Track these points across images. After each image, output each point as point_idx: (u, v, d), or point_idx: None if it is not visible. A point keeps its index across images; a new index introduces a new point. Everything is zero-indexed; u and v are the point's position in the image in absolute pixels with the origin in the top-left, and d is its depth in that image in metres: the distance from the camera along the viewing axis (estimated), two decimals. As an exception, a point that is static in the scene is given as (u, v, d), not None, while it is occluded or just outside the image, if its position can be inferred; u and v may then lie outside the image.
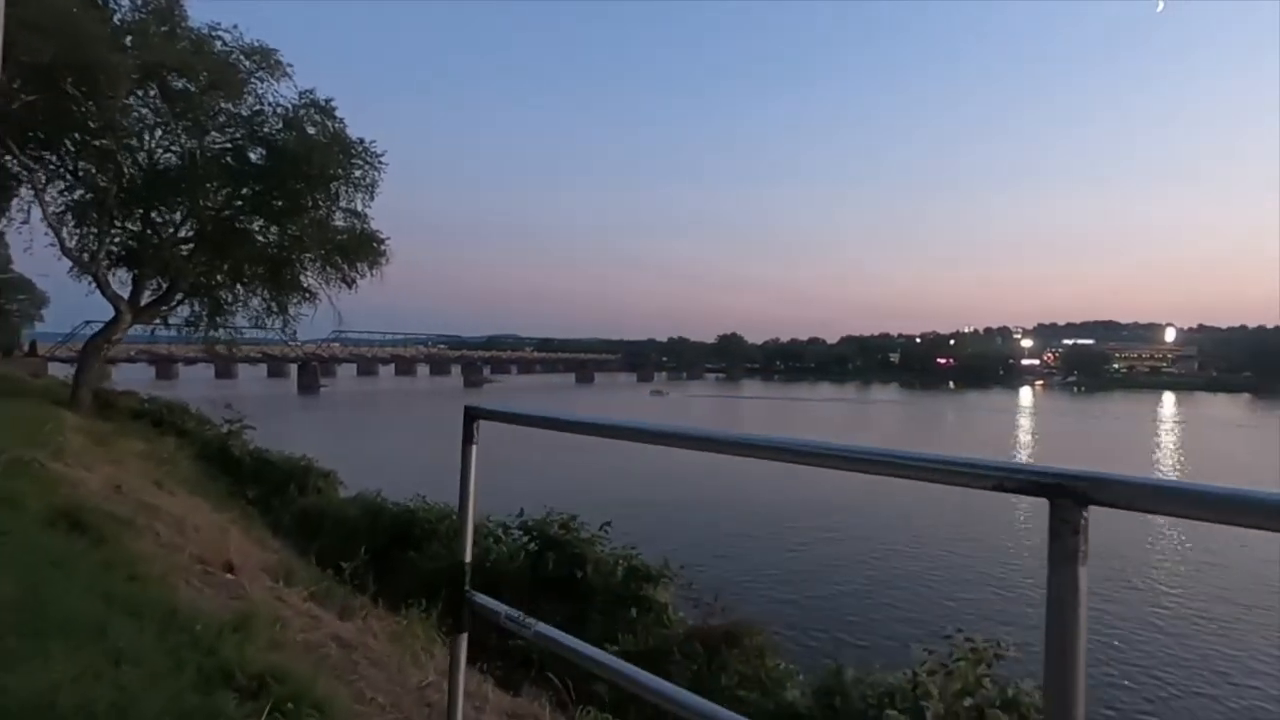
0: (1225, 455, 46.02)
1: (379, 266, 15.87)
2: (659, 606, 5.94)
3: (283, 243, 15.06)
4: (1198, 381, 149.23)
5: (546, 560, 6.14)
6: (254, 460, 13.71)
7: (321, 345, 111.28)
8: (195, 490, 9.53)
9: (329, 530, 9.54)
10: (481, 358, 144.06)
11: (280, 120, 13.45)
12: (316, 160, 12.66)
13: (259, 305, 16.00)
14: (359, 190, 14.11)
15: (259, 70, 13.18)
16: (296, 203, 13.87)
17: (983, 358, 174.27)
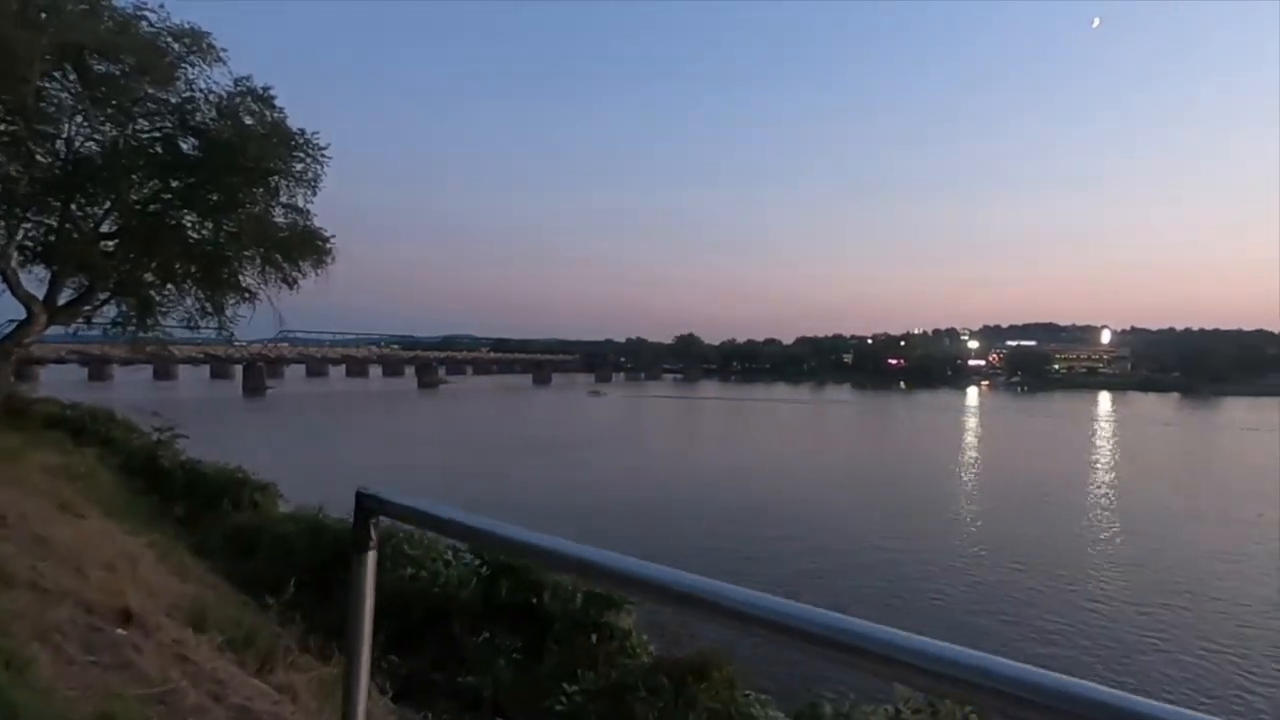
0: (1150, 452, 48.07)
1: (324, 266, 15.00)
2: (621, 634, 5.55)
3: (218, 239, 14.08)
4: (1131, 381, 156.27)
5: (500, 586, 5.68)
6: (185, 472, 12.77)
7: (268, 345, 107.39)
8: (112, 510, 8.72)
9: (265, 549, 8.84)
10: (436, 358, 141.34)
11: (214, 109, 12.52)
12: (253, 151, 11.81)
13: (192, 305, 14.94)
14: (300, 185, 13.26)
15: (190, 54, 12.23)
16: (233, 197, 12.95)
17: (931, 358, 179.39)
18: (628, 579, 0.98)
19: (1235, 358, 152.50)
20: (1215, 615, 16.19)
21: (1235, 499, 29.81)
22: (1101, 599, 17.06)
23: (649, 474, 34.93)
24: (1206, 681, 12.91)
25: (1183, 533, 23.88)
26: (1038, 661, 0.65)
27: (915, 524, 24.19)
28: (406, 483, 30.63)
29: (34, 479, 8.10)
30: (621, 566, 1.00)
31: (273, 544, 8.70)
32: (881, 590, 17.19)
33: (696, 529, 22.54)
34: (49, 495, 7.68)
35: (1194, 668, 13.41)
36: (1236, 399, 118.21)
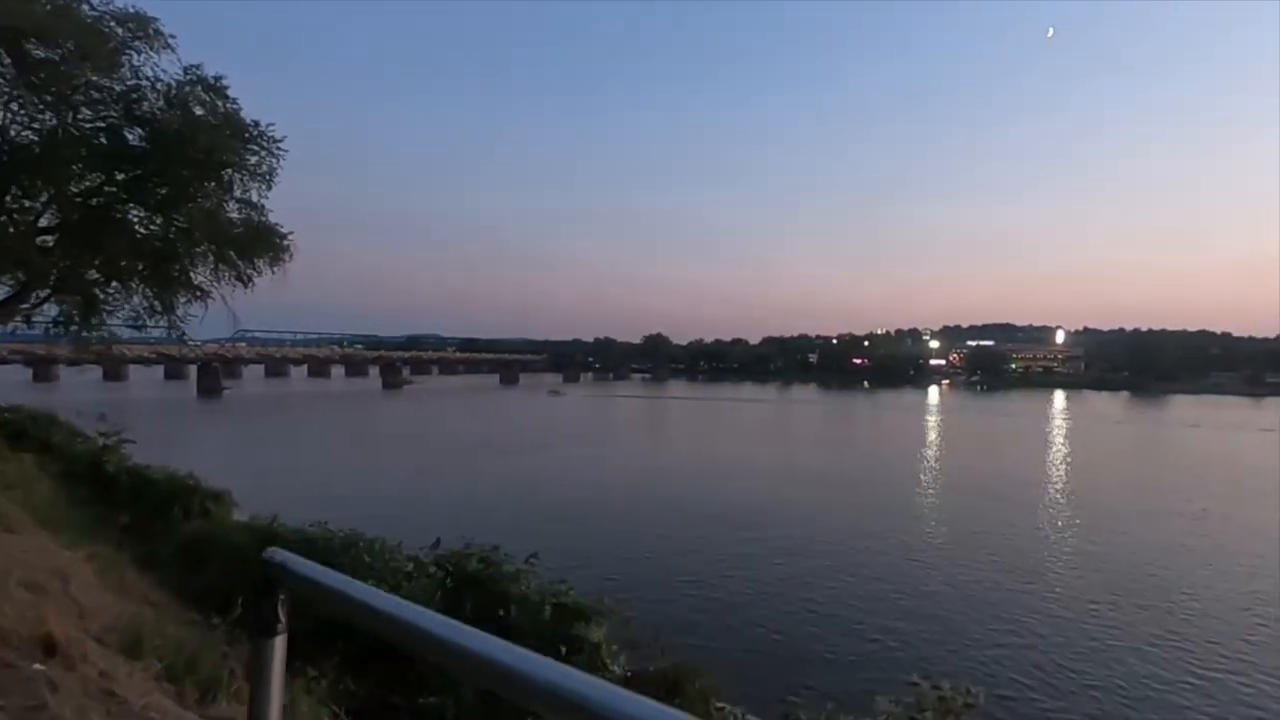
0: (1101, 450, 49.57)
1: (281, 263, 14.41)
2: (591, 647, 5.35)
3: (167, 235, 13.41)
4: (1084, 380, 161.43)
5: (464, 600, 5.42)
6: (131, 479, 12.14)
7: (224, 345, 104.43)
8: (48, 521, 8.19)
9: (217, 561, 8.40)
10: (401, 358, 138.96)
11: (161, 98, 11.90)
12: (203, 143, 11.24)
13: (140, 304, 14.24)
14: (255, 179, 12.70)
15: (135, 40, 11.61)
16: (182, 191, 12.34)
17: (894, 358, 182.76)
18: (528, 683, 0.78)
19: (1181, 357, 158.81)
20: (1159, 610, 16.64)
21: (1180, 494, 30.87)
22: (1054, 598, 17.40)
23: (608, 476, 34.72)
24: (1159, 678, 13.21)
25: (1133, 528, 24.58)
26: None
27: (879, 525, 24.47)
28: (359, 485, 29.88)
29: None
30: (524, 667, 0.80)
31: (225, 555, 8.26)
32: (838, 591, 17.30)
33: (652, 533, 22.44)
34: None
35: (1154, 662, 13.73)
36: (1182, 397, 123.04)
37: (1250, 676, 13.06)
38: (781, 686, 9.69)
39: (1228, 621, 15.87)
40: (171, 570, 8.41)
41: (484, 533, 9.68)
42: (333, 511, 12.50)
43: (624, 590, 16.37)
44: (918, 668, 12.50)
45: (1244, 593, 17.90)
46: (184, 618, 6.15)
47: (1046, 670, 13.02)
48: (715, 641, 12.77)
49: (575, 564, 18.03)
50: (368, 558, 6.64)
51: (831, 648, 13.18)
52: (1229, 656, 13.96)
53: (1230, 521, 25.83)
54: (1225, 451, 48.45)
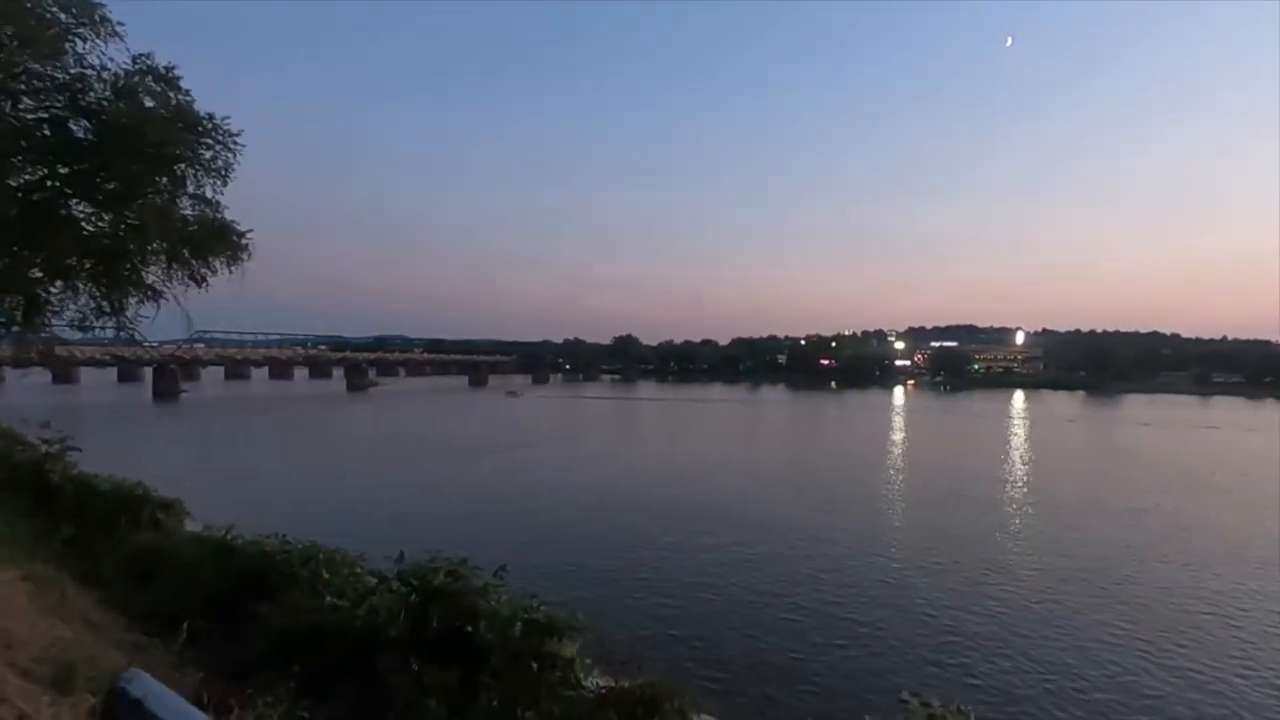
0: (1058, 448, 50.96)
1: (239, 263, 13.82)
2: (564, 663, 5.14)
3: (117, 232, 12.77)
4: (1043, 380, 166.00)
5: (430, 616, 5.16)
6: (77, 489, 11.55)
7: (182, 346, 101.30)
8: (-18, 536, 7.68)
9: (166, 576, 7.97)
10: (367, 359, 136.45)
11: (108, 88, 11.31)
12: (152, 135, 10.71)
13: (87, 304, 13.55)
14: (210, 174, 12.15)
15: (79, 26, 11.02)
16: (132, 186, 11.75)
17: (861, 359, 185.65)
18: None
19: (1134, 358, 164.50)
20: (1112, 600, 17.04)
21: (1132, 491, 31.84)
22: (1011, 591, 17.69)
23: (576, 479, 34.45)
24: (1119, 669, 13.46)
25: (1088, 524, 25.21)
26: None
27: (851, 526, 24.66)
28: (321, 492, 29.13)
29: (-119, 505, 7.01)
30: None
31: (175, 570, 7.85)
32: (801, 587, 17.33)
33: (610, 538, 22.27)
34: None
35: (1115, 649, 14.00)
36: (1135, 396, 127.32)
37: (1219, 669, 13.39)
38: (763, 700, 9.60)
39: (1183, 612, 16.32)
40: (117, 587, 7.96)
41: (449, 538, 9.35)
42: (293, 520, 12.02)
43: (593, 596, 16.18)
44: (895, 674, 12.57)
45: (1199, 586, 18.48)
46: (128, 640, 5.78)
47: (1025, 673, 13.16)
48: (691, 651, 12.62)
49: (542, 572, 17.77)
50: (327, 573, 6.34)
51: (811, 656, 13.11)
52: (1186, 646, 14.34)
53: (1180, 516, 26.69)
54: (1173, 449, 50.20)
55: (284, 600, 6.25)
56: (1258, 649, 14.48)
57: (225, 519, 13.33)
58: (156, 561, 8.31)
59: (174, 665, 5.31)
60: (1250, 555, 21.39)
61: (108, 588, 8.07)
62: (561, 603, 5.97)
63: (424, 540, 6.82)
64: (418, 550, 6.01)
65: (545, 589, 12.34)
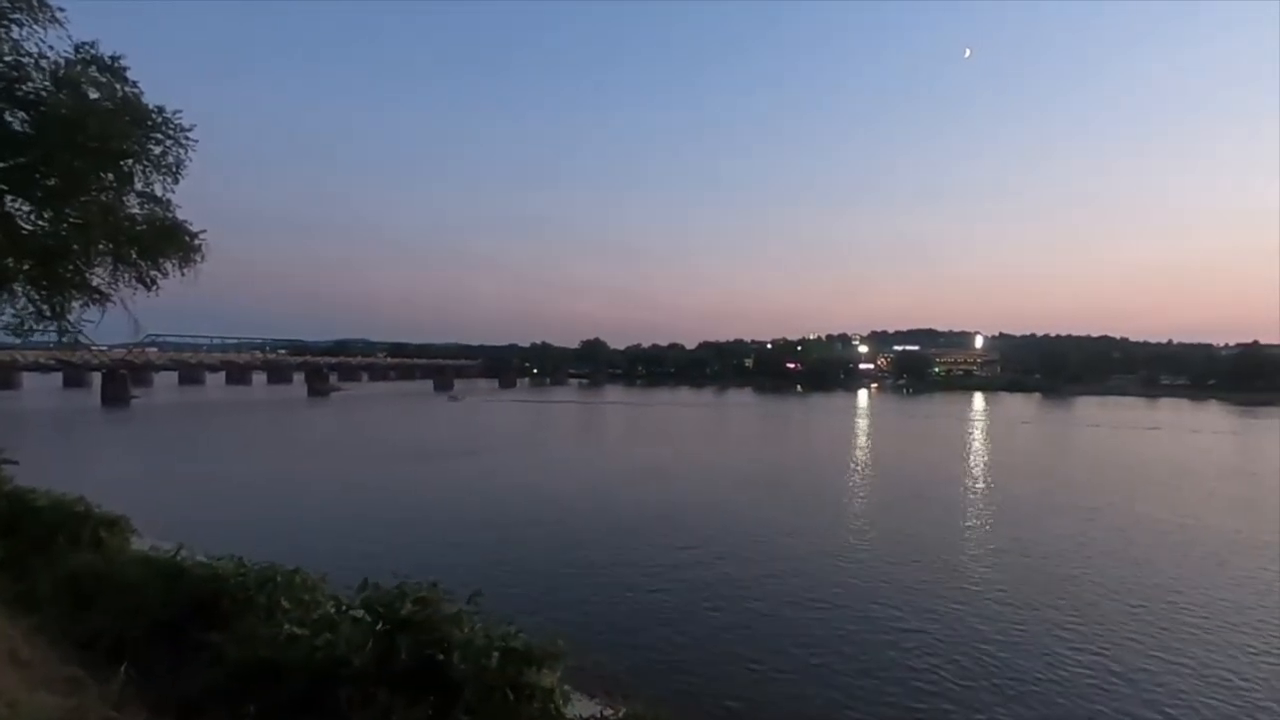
0: (1014, 449, 52.26)
1: (191, 264, 13.18)
2: (543, 693, 4.83)
3: (59, 232, 12.05)
4: (1001, 382, 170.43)
5: (398, 647, 4.80)
6: (11, 505, 10.79)
7: (133, 351, 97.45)
8: (-101, 561, 7.03)
9: (108, 600, 7.41)
10: (328, 364, 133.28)
11: (48, 77, 10.64)
12: (95, 128, 10.09)
13: (25, 308, 12.75)
14: (159, 171, 11.52)
15: (14, 10, 10.33)
16: (74, 182, 11.08)
17: (826, 362, 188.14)
18: None
19: (1086, 361, 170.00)
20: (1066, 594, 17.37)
21: (1081, 491, 32.77)
22: (972, 591, 17.90)
23: (546, 485, 33.98)
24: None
25: (1039, 523, 25.80)
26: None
27: (815, 530, 24.74)
28: (280, 505, 28.15)
29: None
30: None
31: (118, 593, 7.29)
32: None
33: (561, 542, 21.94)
34: None
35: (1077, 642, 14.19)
36: (1088, 398, 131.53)
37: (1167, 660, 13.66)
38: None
39: (1131, 606, 16.73)
40: (53, 613, 7.37)
41: (413, 552, 8.82)
42: (250, 535, 11.43)
43: (565, 614, 15.81)
44: (863, 681, 12.50)
45: (1141, 581, 19.05)
46: (61, 677, 5.28)
47: (992, 674, 13.23)
48: (671, 672, 12.26)
49: (510, 587, 17.35)
50: (285, 599, 5.91)
51: (791, 672, 12.93)
52: (1135, 639, 14.66)
53: (1124, 515, 27.53)
54: (1122, 449, 52.01)
55: (238, 628, 5.80)
56: (1203, 641, 15.00)
57: (176, 536, 12.65)
58: (97, 584, 7.73)
59: (113, 704, 4.83)
60: (1193, 552, 22.14)
61: (42, 614, 7.47)
62: (528, 617, 5.67)
63: (387, 555, 6.46)
64: (383, 569, 5.64)
65: (514, 605, 12.03)
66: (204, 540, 11.33)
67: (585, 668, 5.39)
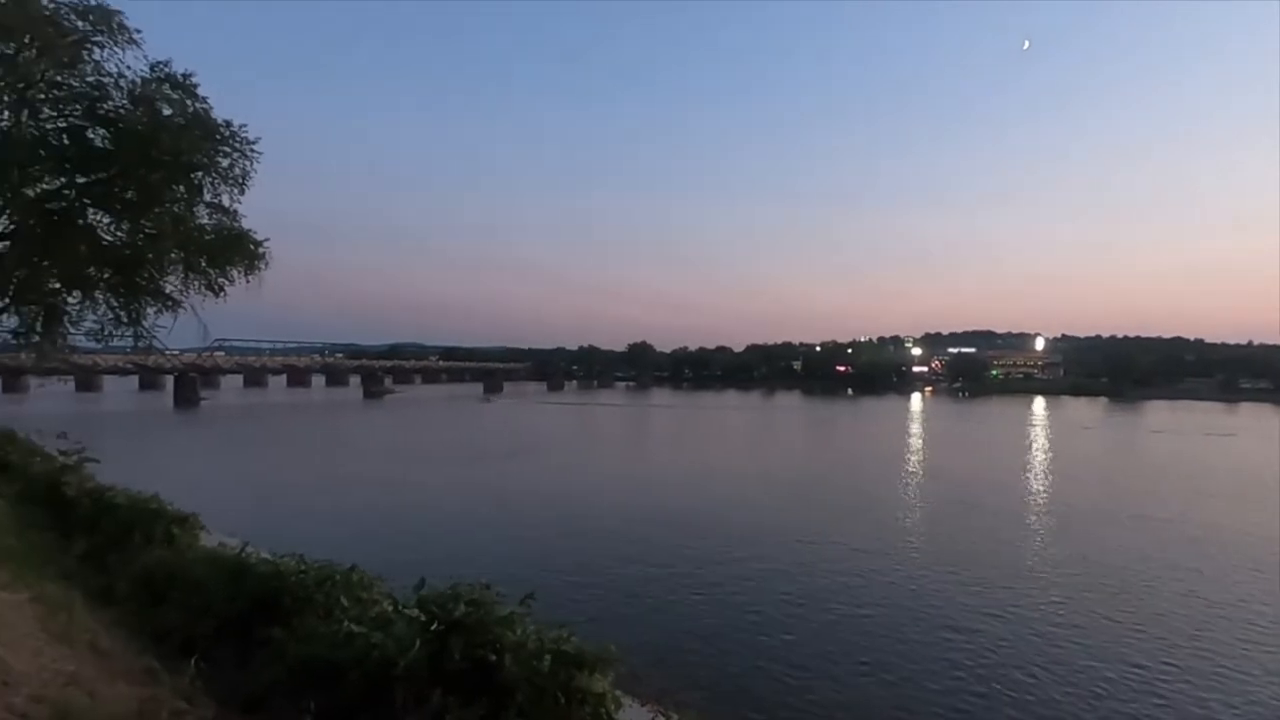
0: (1075, 457, 49.99)
1: (256, 272, 13.69)
2: (595, 699, 4.81)
3: (135, 242, 12.68)
4: (1063, 386, 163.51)
5: (451, 648, 4.85)
6: (92, 502, 11.42)
7: (202, 355, 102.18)
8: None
9: (179, 596, 7.72)
10: (383, 367, 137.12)
11: (126, 96, 11.22)
12: (168, 143, 10.58)
13: (105, 314, 13.46)
14: (227, 182, 12.03)
15: (97, 34, 10.93)
16: (150, 195, 11.64)
17: (877, 365, 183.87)
18: None
19: (1156, 364, 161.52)
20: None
21: (1153, 500, 31.11)
22: (1032, 602, 17.14)
23: (591, 488, 34.14)
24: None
25: (1105, 534, 24.58)
26: None
27: (869, 537, 24.19)
28: (337, 503, 29.01)
29: (-110, 522, 6.83)
30: None
31: (188, 590, 7.59)
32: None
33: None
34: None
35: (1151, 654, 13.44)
36: (1158, 402, 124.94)
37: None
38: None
39: (1197, 619, 15.71)
40: (130, 607, 7.74)
41: (466, 551, 8.91)
42: (310, 531, 11.75)
43: (616, 618, 15.83)
44: (920, 691, 12.11)
45: (1211, 597, 17.98)
46: (138, 668, 5.52)
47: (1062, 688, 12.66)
48: (720, 676, 12.09)
49: (562, 588, 17.45)
50: (344, 599, 6.05)
51: (848, 682, 12.61)
52: (1203, 654, 13.75)
53: (1194, 526, 25.97)
54: (1192, 456, 49.28)
55: (299, 625, 5.96)
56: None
57: (241, 532, 13.18)
58: (169, 581, 8.07)
59: (185, 696, 5.02)
60: (1267, 566, 20.74)
61: (120, 607, 7.85)
62: (577, 620, 5.68)
63: (437, 555, 6.55)
64: (433, 569, 5.72)
65: (563, 608, 12.07)
66: (265, 536, 11.78)
67: (637, 674, 5.35)
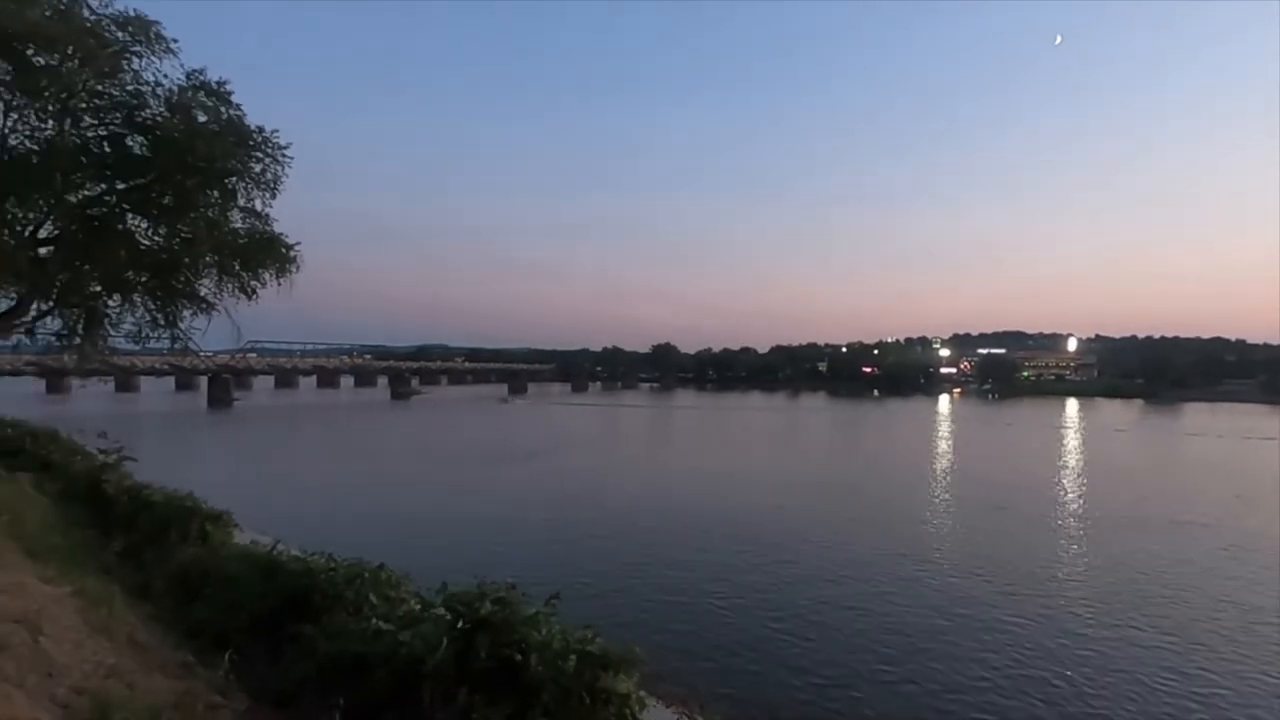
0: (1116, 461, 48.71)
1: (287, 274, 13.98)
2: (619, 699, 4.81)
3: (171, 246, 13.02)
4: (1097, 387, 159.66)
5: (477, 646, 4.89)
6: (131, 500, 11.74)
7: (235, 356, 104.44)
8: (37, 550, 7.73)
9: (213, 592, 7.90)
10: (410, 368, 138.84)
11: (163, 104, 11.53)
12: (203, 149, 10.84)
13: (142, 317, 13.84)
14: (259, 187, 12.30)
15: (136, 44, 11.25)
16: (186, 200, 11.94)
17: (904, 366, 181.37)
18: None
19: (1195, 365, 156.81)
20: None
21: (1186, 505, 30.17)
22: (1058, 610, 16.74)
23: (614, 488, 34.16)
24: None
25: (1138, 540, 23.92)
26: None
27: (897, 541, 23.87)
28: (365, 501, 29.41)
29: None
30: None
31: (221, 586, 7.77)
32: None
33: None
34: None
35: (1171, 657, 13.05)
36: (1198, 404, 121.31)
37: None
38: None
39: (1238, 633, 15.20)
40: (166, 602, 7.94)
41: (491, 549, 8.93)
42: (339, 528, 11.89)
43: (640, 620, 15.81)
44: (955, 702, 11.91)
45: (1250, 602, 17.38)
46: (174, 661, 5.65)
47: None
48: (746, 679, 11.99)
49: (586, 589, 17.47)
50: (372, 597, 6.14)
51: (876, 686, 12.45)
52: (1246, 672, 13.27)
53: (1232, 532, 25.10)
54: (1232, 460, 47.80)
55: (328, 622, 6.06)
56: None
57: (273, 527, 13.45)
58: (203, 577, 8.27)
59: (219, 690, 5.12)
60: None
61: (156, 602, 8.06)
62: (601, 621, 5.68)
63: (462, 554, 6.60)
64: (458, 568, 5.77)
65: (587, 609, 12.09)
66: (295, 534, 11.98)
67: (662, 676, 5.34)
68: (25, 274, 11.42)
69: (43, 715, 3.11)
